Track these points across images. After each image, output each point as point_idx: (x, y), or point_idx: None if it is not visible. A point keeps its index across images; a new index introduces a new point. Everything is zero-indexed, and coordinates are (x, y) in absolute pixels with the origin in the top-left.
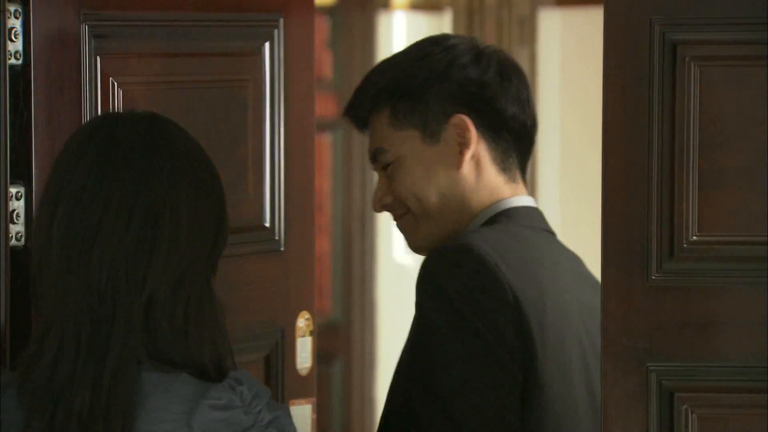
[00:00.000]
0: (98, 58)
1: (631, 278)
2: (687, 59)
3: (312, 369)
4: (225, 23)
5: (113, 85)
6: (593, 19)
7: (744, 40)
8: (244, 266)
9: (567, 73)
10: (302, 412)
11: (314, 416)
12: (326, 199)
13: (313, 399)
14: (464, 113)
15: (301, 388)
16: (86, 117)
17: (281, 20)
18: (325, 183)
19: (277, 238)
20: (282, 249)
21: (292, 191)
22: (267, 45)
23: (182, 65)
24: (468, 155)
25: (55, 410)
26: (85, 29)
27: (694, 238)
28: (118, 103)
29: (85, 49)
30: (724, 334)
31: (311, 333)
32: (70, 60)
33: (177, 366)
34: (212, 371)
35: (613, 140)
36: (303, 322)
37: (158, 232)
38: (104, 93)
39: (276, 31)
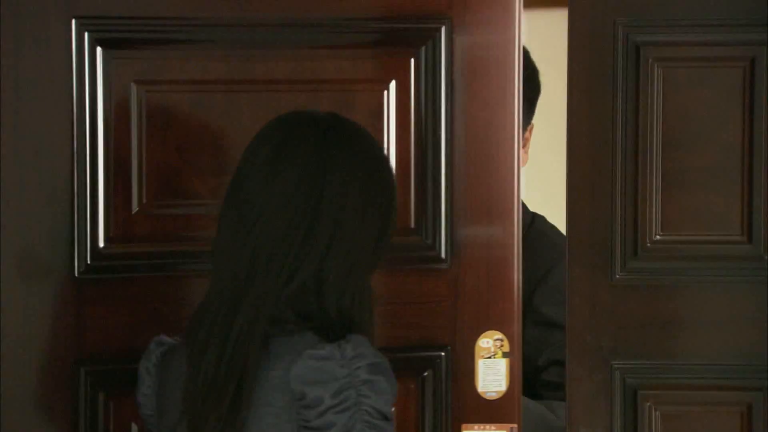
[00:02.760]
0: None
1: (596, 277)
2: (650, 60)
3: (509, 394)
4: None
5: (133, 88)
6: (557, 21)
7: (707, 41)
8: (402, 280)
9: None
10: None
11: None
12: None
13: (513, 426)
14: None
15: (487, 413)
16: (78, 121)
17: (444, 25)
18: None
19: (443, 255)
20: (447, 265)
21: (463, 201)
22: (423, 49)
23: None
24: None
25: (192, 369)
26: (83, 34)
27: (658, 237)
28: (140, 106)
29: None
30: (687, 332)
31: (506, 355)
32: (55, 62)
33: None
34: (338, 329)
35: (578, 141)
36: (490, 342)
37: (318, 226)
38: (120, 96)
39: (437, 34)
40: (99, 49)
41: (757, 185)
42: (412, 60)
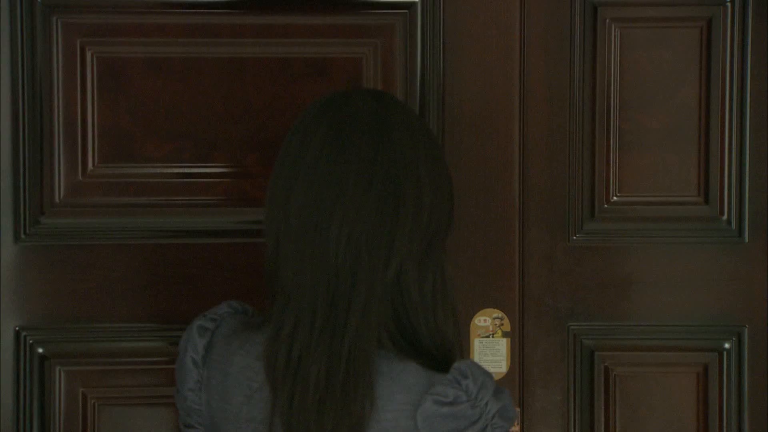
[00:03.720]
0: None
1: (552, 239)
2: (607, 21)
3: (510, 376)
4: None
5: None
6: None
7: (664, 1)
8: None
9: None
10: None
11: (516, 428)
12: None
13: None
14: None
15: None
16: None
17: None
18: None
19: None
20: None
21: (457, 170)
22: (410, 11)
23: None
24: None
25: (294, 382)
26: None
27: (615, 198)
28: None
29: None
30: (643, 293)
31: (506, 334)
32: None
33: (417, 346)
34: (443, 354)
35: (535, 102)
36: (488, 320)
37: (401, 200)
38: (67, 57)
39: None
40: (43, 8)
41: (713, 146)
42: (397, 22)
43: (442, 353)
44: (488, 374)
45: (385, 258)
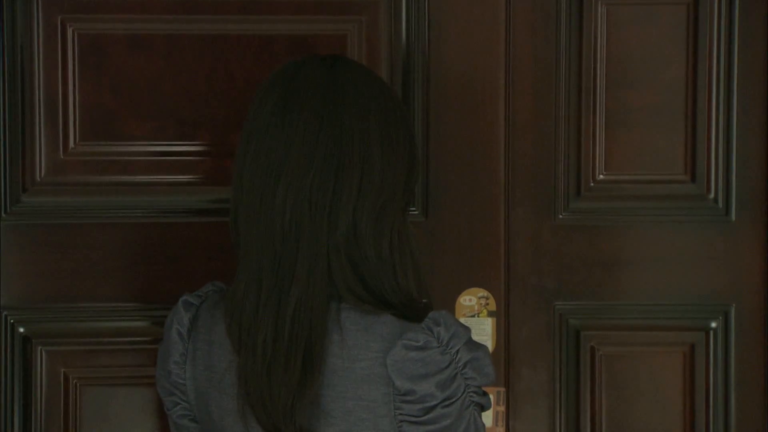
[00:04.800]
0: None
1: (538, 218)
2: None
3: (496, 355)
4: None
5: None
6: None
7: None
8: None
9: None
10: None
11: (501, 408)
12: None
13: (500, 389)
14: None
15: None
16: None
17: None
18: None
19: (418, 206)
20: (422, 217)
21: (442, 148)
22: None
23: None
24: None
25: (246, 351)
26: None
27: (601, 177)
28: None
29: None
30: (630, 272)
31: (492, 314)
32: None
33: (388, 303)
34: (414, 309)
35: (521, 79)
36: (474, 300)
37: (346, 165)
38: (47, 33)
39: None
40: None
41: (700, 124)
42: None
43: (412, 310)
44: (464, 326)
45: (329, 222)
